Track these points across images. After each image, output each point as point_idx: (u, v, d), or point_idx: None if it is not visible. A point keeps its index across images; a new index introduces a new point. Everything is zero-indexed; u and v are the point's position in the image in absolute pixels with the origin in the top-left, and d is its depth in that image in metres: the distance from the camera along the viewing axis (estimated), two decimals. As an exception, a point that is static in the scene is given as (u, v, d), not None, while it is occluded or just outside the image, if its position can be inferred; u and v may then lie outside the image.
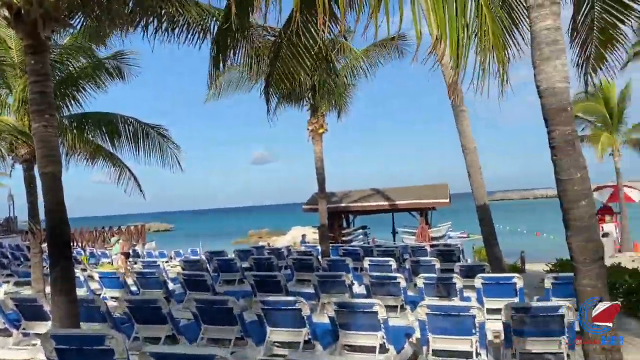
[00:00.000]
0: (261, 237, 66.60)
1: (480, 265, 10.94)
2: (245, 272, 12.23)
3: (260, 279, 9.26)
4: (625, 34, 6.82)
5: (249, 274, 9.53)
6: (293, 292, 9.73)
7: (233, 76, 15.70)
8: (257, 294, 9.12)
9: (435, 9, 3.94)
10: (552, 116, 3.99)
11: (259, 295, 9.01)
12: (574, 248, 3.93)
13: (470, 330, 5.67)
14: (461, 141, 12.60)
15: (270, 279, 9.35)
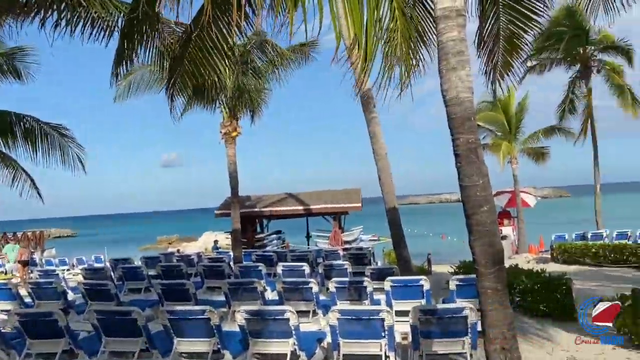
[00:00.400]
0: (171, 243, 64.52)
1: (389, 267, 11.21)
2: (152, 280, 11.74)
3: (168, 288, 8.90)
4: (530, 43, 7.28)
5: (156, 282, 9.13)
6: (203, 300, 9.45)
7: (144, 75, 15.08)
8: (165, 303, 8.76)
9: (351, 11, 3.94)
10: (456, 125, 4.13)
11: (166, 305, 8.66)
12: (477, 252, 4.09)
13: (380, 333, 5.76)
14: (373, 147, 12.88)
15: (178, 287, 9.01)
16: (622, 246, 16.94)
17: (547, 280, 9.64)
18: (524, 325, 8.75)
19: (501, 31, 6.76)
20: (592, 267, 16.57)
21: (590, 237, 20.99)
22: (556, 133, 24.86)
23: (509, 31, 6.78)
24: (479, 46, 7.52)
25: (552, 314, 9.04)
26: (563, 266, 17.11)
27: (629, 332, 7.23)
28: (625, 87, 24.09)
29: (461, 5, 4.04)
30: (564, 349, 7.27)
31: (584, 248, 17.99)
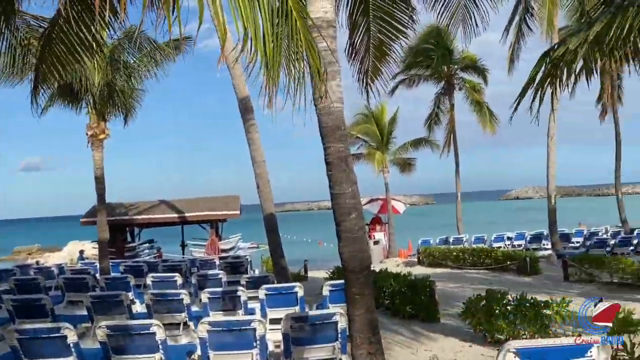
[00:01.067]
0: (31, 253, 58.77)
1: (265, 275, 11.17)
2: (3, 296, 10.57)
3: (21, 303, 8.05)
4: (397, 50, 7.69)
5: (7, 298, 8.21)
6: (62, 316, 8.69)
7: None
8: (17, 320, 7.92)
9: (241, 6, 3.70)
10: (327, 134, 4.20)
11: (18, 322, 7.83)
12: (345, 258, 4.17)
13: (252, 343, 5.67)
14: (251, 153, 12.82)
15: (33, 302, 8.19)
16: (479, 250, 18.50)
17: (412, 282, 10.18)
18: (393, 327, 9.15)
19: (371, 40, 7.06)
20: (454, 270, 17.85)
21: (452, 242, 22.68)
22: (423, 144, 26.63)
23: (379, 40, 7.10)
24: (351, 55, 7.78)
25: (418, 315, 9.55)
26: (428, 269, 18.25)
27: (484, 330, 7.86)
28: (483, 104, 26.48)
29: (332, 16, 4.12)
30: (427, 349, 7.70)
31: (446, 252, 19.36)
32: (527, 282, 14.01)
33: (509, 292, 8.08)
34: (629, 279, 12.08)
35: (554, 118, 18.99)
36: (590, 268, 13.20)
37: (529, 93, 4.79)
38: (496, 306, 7.64)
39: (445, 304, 10.40)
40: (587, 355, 3.09)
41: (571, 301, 7.47)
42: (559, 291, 11.72)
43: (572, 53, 4.71)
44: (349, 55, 7.81)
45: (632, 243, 17.17)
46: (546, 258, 18.38)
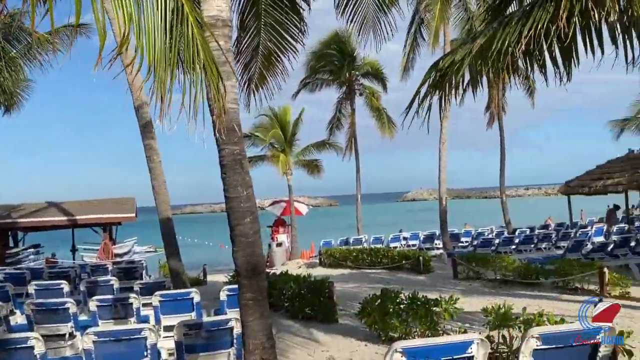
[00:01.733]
0: None
1: (161, 281, 10.75)
2: None
3: None
4: (284, 62, 7.64)
5: None
6: None
7: None
8: None
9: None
10: (222, 136, 4.09)
11: None
12: (239, 263, 4.10)
13: (142, 352, 5.39)
14: (146, 153, 12.30)
15: None
16: (376, 250, 19.10)
17: (311, 284, 10.27)
18: (291, 329, 9.17)
19: (260, 47, 7.00)
20: (353, 270, 18.26)
21: (352, 242, 23.24)
22: (327, 147, 27.08)
23: (268, 49, 7.05)
24: (236, 57, 7.65)
25: (316, 317, 9.64)
26: (329, 270, 18.54)
27: (378, 329, 8.09)
28: (381, 109, 27.46)
29: (227, 15, 4.03)
30: (324, 349, 7.79)
31: (346, 252, 19.79)
32: (420, 280, 14.66)
33: (402, 291, 8.38)
34: (510, 276, 13.02)
35: (445, 125, 20.12)
36: (477, 266, 14.08)
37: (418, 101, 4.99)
38: (390, 305, 7.88)
39: (343, 305, 10.60)
40: (468, 352, 3.26)
41: (459, 298, 7.90)
42: (448, 288, 12.39)
43: (459, 64, 4.97)
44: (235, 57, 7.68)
45: (514, 242, 18.57)
46: (438, 257, 19.40)
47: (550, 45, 4.80)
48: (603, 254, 14.48)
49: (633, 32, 4.53)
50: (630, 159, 17.85)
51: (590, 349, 3.52)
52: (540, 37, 4.57)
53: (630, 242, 14.85)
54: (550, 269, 12.08)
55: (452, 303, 7.60)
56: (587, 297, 10.58)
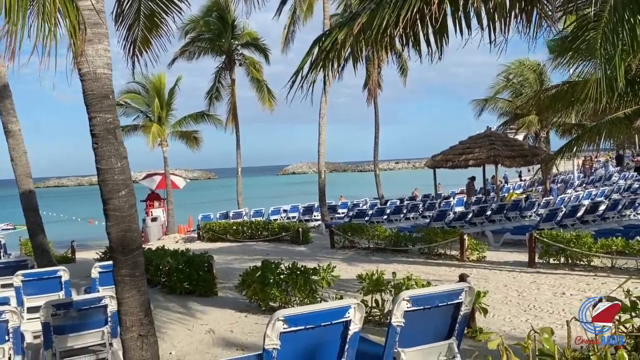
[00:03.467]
0: None
1: (23, 260, 9.89)
2: None
3: None
4: (169, 23, 7.25)
5: None
6: None
7: None
8: None
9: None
10: (93, 103, 3.83)
11: None
12: (113, 238, 3.90)
13: (3, 336, 4.98)
14: (2, 121, 11.14)
15: None
16: (257, 222, 19.20)
17: (190, 258, 10.09)
18: (169, 305, 8.98)
19: (142, 7, 6.59)
20: (233, 243, 18.23)
21: (232, 216, 23.09)
22: (205, 119, 26.31)
23: (150, 9, 6.66)
24: (117, 19, 7.16)
25: (195, 291, 9.52)
26: (208, 244, 18.34)
27: (259, 299, 8.21)
28: (262, 81, 27.26)
29: (99, -27, 3.73)
30: (203, 323, 7.73)
31: (226, 226, 19.65)
32: (300, 251, 15.04)
33: (282, 262, 8.54)
34: (382, 244, 13.83)
35: (325, 100, 20.55)
36: (352, 236, 14.73)
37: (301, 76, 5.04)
38: (270, 276, 8.01)
39: (223, 278, 10.58)
40: (346, 316, 3.43)
41: (335, 267, 8.24)
42: (326, 258, 12.87)
43: (341, 43, 5.09)
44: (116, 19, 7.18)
45: (386, 213, 19.65)
46: (316, 228, 20.01)
47: (424, 27, 5.08)
48: (463, 222, 15.87)
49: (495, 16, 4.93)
50: (488, 135, 19.61)
51: (454, 309, 3.88)
52: (416, 19, 4.82)
53: (486, 211, 16.42)
54: (417, 237, 12.99)
55: (329, 271, 7.91)
56: (450, 261, 11.64)
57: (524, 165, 22.04)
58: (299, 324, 3.28)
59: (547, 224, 14.04)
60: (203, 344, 6.76)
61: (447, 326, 3.97)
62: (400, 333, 3.69)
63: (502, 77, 24.87)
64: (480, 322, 6.38)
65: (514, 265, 10.86)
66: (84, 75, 3.79)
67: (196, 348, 6.62)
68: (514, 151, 18.64)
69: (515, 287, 8.89)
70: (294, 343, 3.34)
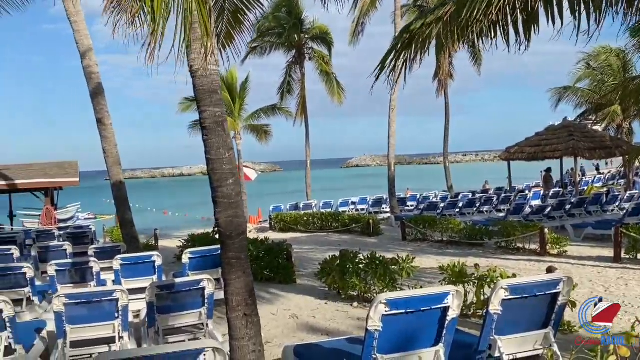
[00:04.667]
0: None
1: (117, 245, 10.58)
2: None
3: None
4: (251, 20, 7.53)
5: None
6: None
7: None
8: None
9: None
10: (203, 97, 4.10)
11: None
12: (222, 223, 4.17)
13: (113, 314, 5.42)
14: (97, 117, 11.91)
15: None
16: (327, 214, 19.48)
17: (270, 247, 10.46)
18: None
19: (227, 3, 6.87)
20: (304, 234, 18.61)
21: (302, 207, 23.52)
22: (277, 112, 26.88)
23: (235, 5, 6.92)
24: None
25: (275, 278, 9.86)
26: (280, 234, 18.80)
27: (338, 288, 8.42)
28: (331, 74, 27.46)
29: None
30: (286, 309, 8.02)
31: (297, 217, 20.07)
32: (371, 243, 15.15)
33: (360, 252, 8.70)
34: (457, 237, 13.70)
35: (395, 91, 20.43)
36: (424, 228, 14.69)
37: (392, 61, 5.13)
38: (350, 265, 8.19)
39: (299, 266, 10.88)
40: (445, 302, 3.53)
41: (415, 258, 8.30)
42: (398, 249, 12.90)
43: (428, 28, 5.14)
44: None
45: (458, 206, 19.39)
46: (386, 220, 20.04)
47: (515, 15, 5.04)
48: (541, 216, 15.42)
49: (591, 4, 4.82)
50: (566, 126, 18.88)
51: (551, 298, 3.88)
52: (507, 7, 4.80)
53: (565, 205, 15.87)
54: (494, 230, 12.78)
55: (408, 262, 7.99)
56: (529, 256, 11.38)
57: (605, 158, 21.08)
58: (400, 307, 3.41)
59: (632, 219, 13.40)
60: (288, 328, 7.04)
61: (544, 316, 3.97)
62: (497, 321, 3.75)
63: (582, 64, 23.74)
64: (567, 315, 6.26)
65: (597, 260, 10.49)
66: (195, 72, 4.08)
67: (282, 332, 6.90)
68: (594, 143, 17.87)
69: (601, 283, 8.61)
70: (395, 326, 3.47)
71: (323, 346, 4.77)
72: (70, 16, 11.59)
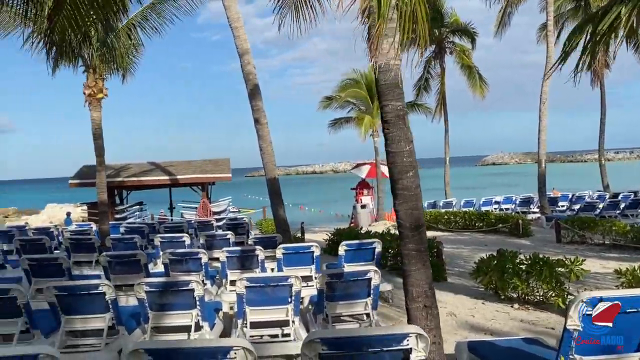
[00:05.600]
0: (7, 216, 58.08)
1: (273, 236, 11.23)
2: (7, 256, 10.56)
3: (38, 262, 8.01)
4: None
5: (23, 258, 8.13)
6: (75, 276, 8.67)
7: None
8: (33, 280, 7.90)
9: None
10: (385, 92, 4.21)
11: (35, 282, 7.84)
12: (401, 215, 4.25)
13: (287, 299, 5.77)
14: (254, 116, 12.71)
15: (47, 262, 8.17)
16: (470, 213, 18.88)
17: (421, 243, 10.40)
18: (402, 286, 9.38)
19: None
20: (445, 233, 18.22)
21: (442, 206, 23.06)
22: (415, 109, 26.60)
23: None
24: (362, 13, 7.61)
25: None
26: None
27: (496, 288, 8.14)
28: (473, 68, 26.52)
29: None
30: (442, 306, 7.90)
31: (437, 215, 19.71)
32: (522, 244, 14.39)
33: (520, 252, 8.33)
34: (621, 241, 12.53)
35: (546, 83, 19.21)
36: (582, 230, 13.63)
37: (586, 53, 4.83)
38: (509, 265, 7.88)
39: (447, 265, 10.68)
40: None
41: (584, 260, 7.75)
42: (553, 251, 12.11)
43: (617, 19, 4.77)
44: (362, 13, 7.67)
45: (619, 207, 17.71)
46: (535, 221, 18.91)
47: None
48: None
49: None
50: None
51: None
52: None
53: None
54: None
55: (577, 264, 7.48)
56: None
57: None
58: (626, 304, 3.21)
59: None
60: (448, 325, 6.95)
61: None
62: None
63: None
64: None
65: None
66: (379, 67, 4.19)
67: (443, 328, 6.82)
68: None
69: None
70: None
71: (498, 344, 4.64)
72: (231, 22, 12.50)
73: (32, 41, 12.40)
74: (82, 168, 23.49)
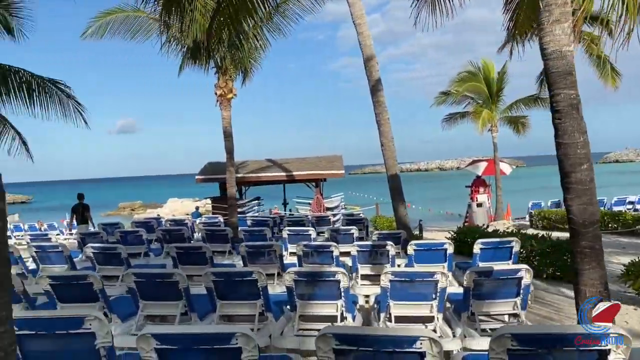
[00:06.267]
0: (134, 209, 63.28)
1: (397, 232, 11.17)
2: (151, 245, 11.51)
3: (184, 251, 8.65)
4: None
5: (172, 247, 8.80)
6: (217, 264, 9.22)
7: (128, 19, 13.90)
8: (179, 266, 8.53)
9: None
10: (557, 80, 3.99)
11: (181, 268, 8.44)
12: (574, 211, 4.01)
13: (431, 295, 5.69)
14: (375, 111, 12.72)
15: (193, 250, 8.79)
16: (603, 213, 17.48)
17: (557, 243, 9.83)
18: (539, 287, 8.92)
19: None
20: (572, 233, 17.02)
21: (567, 205, 21.60)
22: (539, 103, 25.13)
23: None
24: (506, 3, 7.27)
25: (564, 277, 9.23)
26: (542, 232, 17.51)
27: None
28: (604, 57, 24.47)
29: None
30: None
31: (563, 214, 18.46)
32: (667, 247, 13.13)
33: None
34: None
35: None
36: None
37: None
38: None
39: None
40: None
41: None
42: None
43: None
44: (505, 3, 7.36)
45: None
46: (678, 223, 17.10)
47: None
48: None
49: None
50: None
51: None
52: None
53: None
54: None
55: None
56: None
57: None
58: None
59: None
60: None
61: None
62: None
63: None
64: None
65: None
66: (549, 54, 3.99)
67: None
68: None
69: None
70: None
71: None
72: (355, 19, 12.57)
73: (168, 45, 13.37)
74: (207, 165, 24.92)
